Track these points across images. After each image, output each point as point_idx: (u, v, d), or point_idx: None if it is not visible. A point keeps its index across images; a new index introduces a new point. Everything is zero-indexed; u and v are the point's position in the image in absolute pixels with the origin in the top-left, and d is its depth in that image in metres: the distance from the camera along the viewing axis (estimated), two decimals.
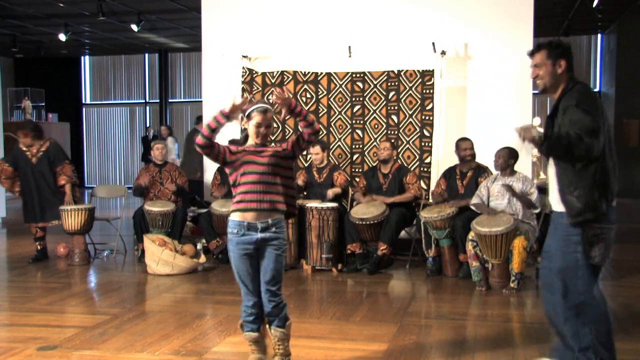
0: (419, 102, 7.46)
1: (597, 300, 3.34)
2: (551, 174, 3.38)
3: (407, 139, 7.50)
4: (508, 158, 6.04)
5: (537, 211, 6.00)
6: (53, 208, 7.20)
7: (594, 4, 11.81)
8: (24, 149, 7.25)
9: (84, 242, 7.32)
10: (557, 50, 3.38)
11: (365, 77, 7.63)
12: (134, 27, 13.64)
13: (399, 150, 7.42)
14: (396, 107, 7.54)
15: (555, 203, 3.37)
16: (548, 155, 3.25)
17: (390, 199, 6.73)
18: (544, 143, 3.12)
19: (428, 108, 7.44)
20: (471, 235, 5.91)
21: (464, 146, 6.55)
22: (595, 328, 3.29)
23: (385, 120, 7.58)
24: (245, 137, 3.64)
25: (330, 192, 6.91)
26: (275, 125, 7.81)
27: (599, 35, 16.66)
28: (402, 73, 7.51)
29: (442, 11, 7.65)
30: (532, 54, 3.47)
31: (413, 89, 7.49)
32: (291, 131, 7.76)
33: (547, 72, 3.38)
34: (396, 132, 7.53)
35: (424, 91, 7.43)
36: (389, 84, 7.57)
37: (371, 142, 7.60)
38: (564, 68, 3.37)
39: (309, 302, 5.63)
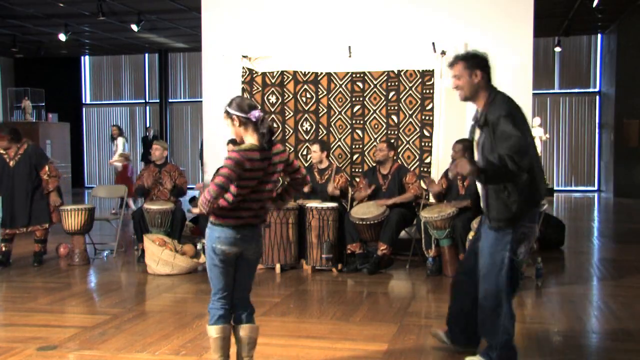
0: (419, 102, 7.46)
1: (509, 295, 3.60)
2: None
3: (407, 139, 7.50)
4: None
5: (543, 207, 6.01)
6: (25, 213, 7.02)
7: (594, 4, 11.82)
8: (2, 151, 7.09)
9: (84, 242, 7.33)
10: (473, 62, 3.58)
11: (365, 77, 7.63)
12: (134, 27, 13.65)
13: (398, 150, 7.42)
14: (396, 107, 7.54)
15: (485, 206, 3.60)
16: (487, 184, 3.47)
17: (391, 201, 6.72)
18: (482, 174, 3.32)
19: (428, 108, 7.44)
20: (471, 235, 5.90)
21: (455, 148, 6.53)
22: (504, 320, 3.55)
23: (385, 120, 7.58)
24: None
25: (331, 187, 6.90)
26: (275, 125, 7.81)
27: (599, 35, 16.67)
28: (402, 73, 7.51)
29: (442, 11, 7.64)
30: (451, 65, 3.63)
31: (413, 89, 7.49)
32: (291, 131, 7.76)
33: (465, 83, 3.57)
34: (396, 132, 7.53)
35: (424, 91, 7.43)
36: (389, 84, 7.57)
37: (371, 142, 7.59)
38: (480, 78, 3.57)
39: (309, 302, 5.63)
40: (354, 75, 7.66)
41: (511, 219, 3.45)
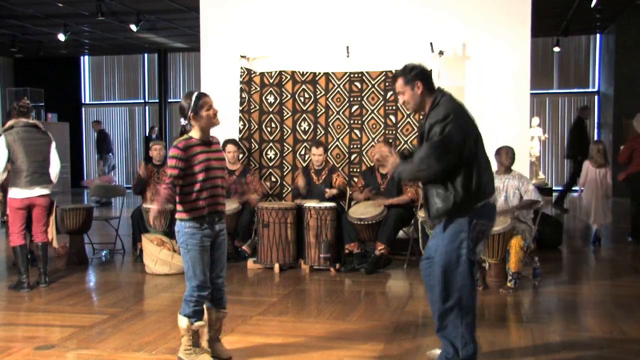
0: None
1: (471, 294, 3.59)
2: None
3: (405, 139, 7.50)
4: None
5: (540, 205, 6.01)
6: None
7: (593, 4, 11.81)
8: None
9: (83, 242, 7.32)
10: (410, 75, 3.62)
11: (363, 77, 7.63)
12: (133, 27, 13.63)
13: (397, 150, 7.43)
14: (394, 107, 7.55)
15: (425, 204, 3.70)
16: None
17: (388, 201, 6.73)
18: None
19: None
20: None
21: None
22: (466, 319, 3.55)
23: (383, 120, 7.59)
24: None
25: (328, 192, 6.93)
26: (273, 124, 7.82)
27: (598, 35, 16.66)
28: None
29: (440, 11, 7.65)
30: (392, 82, 3.74)
31: None
32: (289, 131, 7.76)
33: (410, 96, 3.63)
34: (394, 132, 7.54)
35: None
36: (387, 83, 7.57)
37: (369, 142, 7.60)
38: (422, 88, 3.60)
39: (306, 302, 5.64)
40: (352, 75, 7.66)
41: (444, 214, 3.50)
